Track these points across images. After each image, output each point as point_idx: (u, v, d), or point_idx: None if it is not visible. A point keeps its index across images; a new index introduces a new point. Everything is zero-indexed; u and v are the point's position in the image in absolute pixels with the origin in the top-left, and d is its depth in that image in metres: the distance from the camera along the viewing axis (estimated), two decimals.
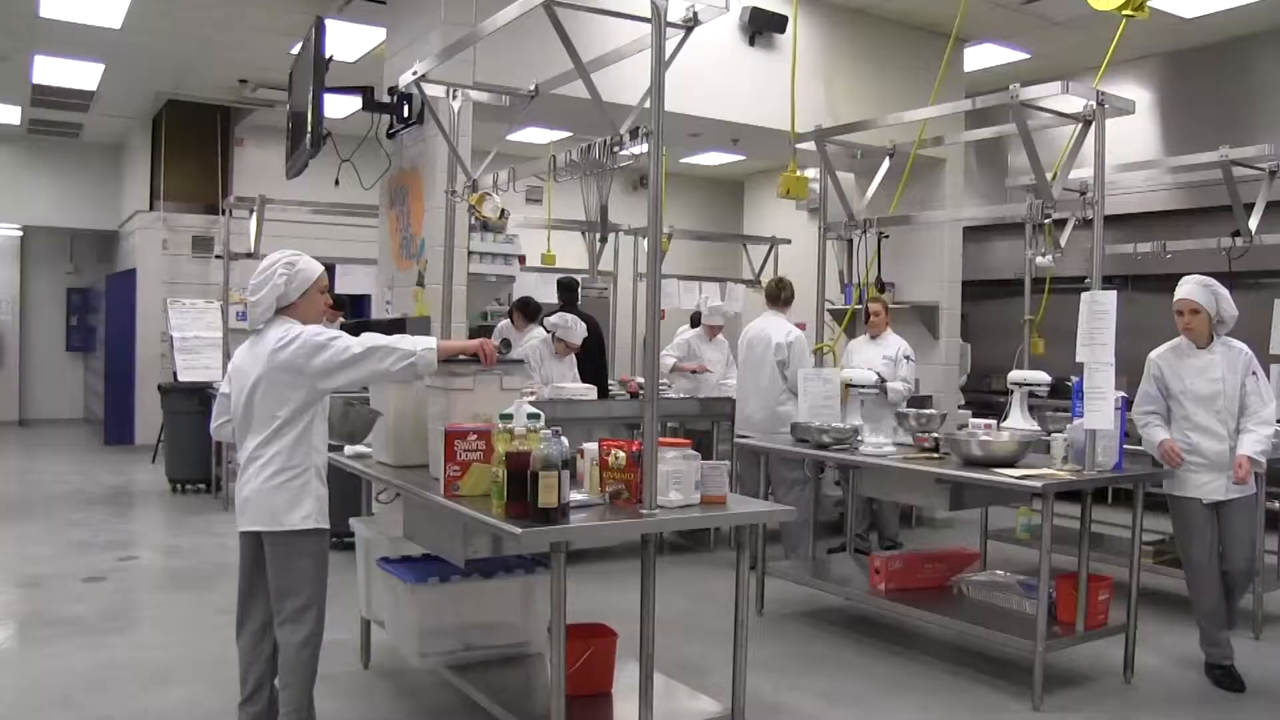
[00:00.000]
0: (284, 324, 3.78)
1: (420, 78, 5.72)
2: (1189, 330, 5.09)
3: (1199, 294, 5.06)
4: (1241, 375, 5.06)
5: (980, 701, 4.86)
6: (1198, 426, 5.08)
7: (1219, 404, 5.05)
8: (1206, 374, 5.08)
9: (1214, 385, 5.06)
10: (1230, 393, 5.06)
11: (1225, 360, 5.09)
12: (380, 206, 8.33)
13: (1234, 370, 5.07)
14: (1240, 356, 5.10)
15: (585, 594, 4.80)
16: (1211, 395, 5.06)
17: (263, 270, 3.82)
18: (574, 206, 10.21)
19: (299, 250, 3.92)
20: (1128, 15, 5.45)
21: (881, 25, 9.09)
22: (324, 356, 3.69)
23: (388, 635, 4.76)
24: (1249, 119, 9.29)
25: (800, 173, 7.49)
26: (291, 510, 3.75)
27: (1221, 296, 5.08)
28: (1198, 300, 5.04)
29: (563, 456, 3.36)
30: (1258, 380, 5.08)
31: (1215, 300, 5.06)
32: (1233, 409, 5.05)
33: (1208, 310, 5.05)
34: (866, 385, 6.37)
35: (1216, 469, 5.04)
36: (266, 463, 3.76)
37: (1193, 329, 5.09)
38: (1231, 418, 5.05)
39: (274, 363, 3.71)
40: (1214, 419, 5.06)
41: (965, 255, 9.79)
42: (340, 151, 7.32)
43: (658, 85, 3.60)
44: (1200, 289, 5.08)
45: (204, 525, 8.51)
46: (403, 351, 3.76)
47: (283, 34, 9.62)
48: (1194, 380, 5.10)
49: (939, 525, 9.04)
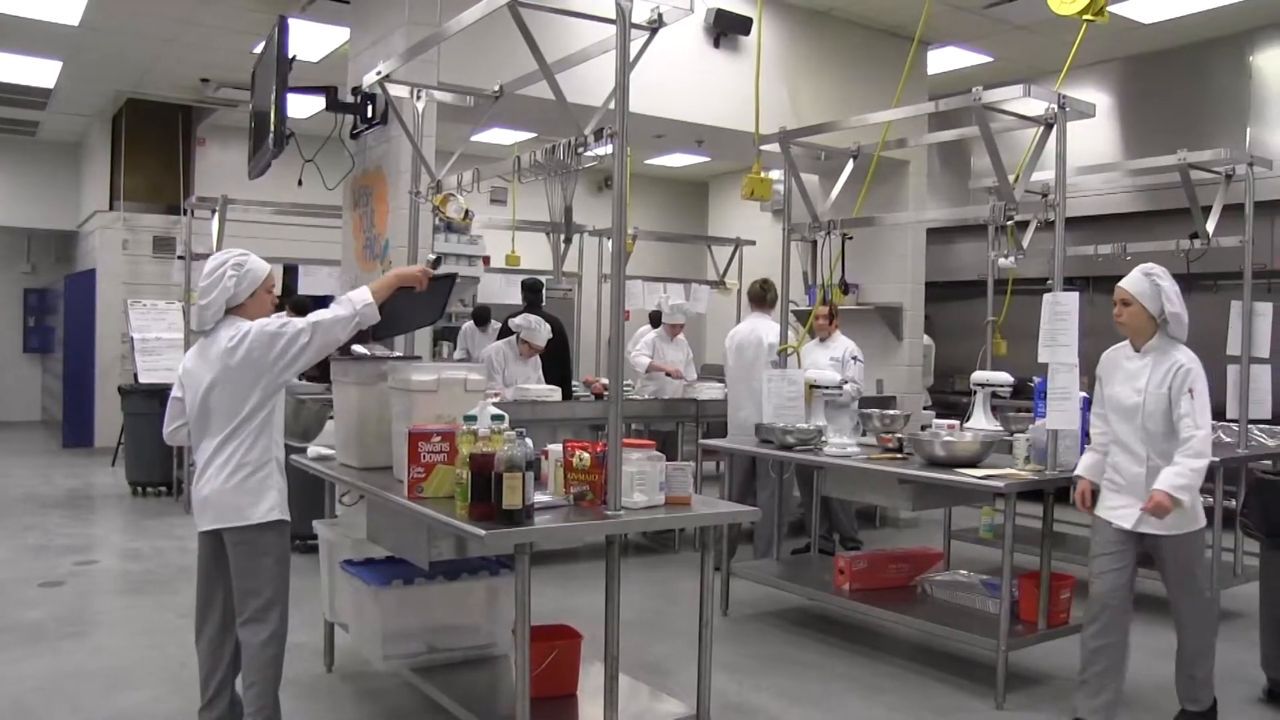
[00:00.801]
0: (233, 323, 3.79)
1: (384, 78, 5.69)
2: (1120, 325, 4.40)
3: (1135, 283, 4.33)
4: (1174, 391, 4.23)
5: (944, 700, 4.89)
6: (1118, 440, 4.41)
7: (1138, 419, 4.31)
8: (1133, 381, 4.35)
9: (1137, 396, 4.31)
10: (1153, 409, 4.27)
11: (1155, 369, 4.31)
12: (344, 207, 8.27)
13: (1162, 383, 4.27)
14: (1175, 370, 4.26)
15: (550, 596, 4.80)
16: (1132, 408, 4.33)
17: (211, 271, 3.82)
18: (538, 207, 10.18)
19: (246, 250, 3.93)
20: (1088, 20, 5.49)
21: (845, 28, 9.14)
22: (280, 345, 3.72)
23: (351, 638, 4.73)
24: (1206, 123, 9.41)
25: (764, 174, 7.50)
26: (255, 505, 3.77)
27: (1166, 291, 4.30)
28: (1130, 290, 4.32)
29: (527, 458, 3.36)
30: (1193, 401, 4.21)
31: (1157, 294, 4.29)
32: (1156, 428, 4.28)
33: (1143, 304, 4.30)
34: (830, 386, 6.39)
35: (1130, 494, 4.35)
36: (226, 460, 3.75)
37: (1124, 323, 4.38)
38: (1155, 439, 4.29)
39: (229, 362, 3.71)
40: (1134, 435, 4.34)
41: (928, 256, 9.86)
42: (303, 152, 7.27)
43: (622, 86, 3.59)
44: (1139, 279, 4.34)
45: (165, 528, 8.42)
46: (346, 316, 3.84)
47: (245, 33, 9.55)
48: (1119, 387, 4.41)
49: (903, 525, 9.09)
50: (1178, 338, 4.34)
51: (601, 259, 10.59)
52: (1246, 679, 5.10)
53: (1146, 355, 4.35)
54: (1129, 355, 4.42)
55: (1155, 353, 4.33)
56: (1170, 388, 4.24)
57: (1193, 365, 4.26)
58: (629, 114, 3.60)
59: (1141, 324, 4.34)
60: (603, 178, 14.52)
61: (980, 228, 7.90)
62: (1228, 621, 6.04)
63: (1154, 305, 4.29)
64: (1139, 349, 4.38)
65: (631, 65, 3.73)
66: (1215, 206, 6.49)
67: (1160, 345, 4.34)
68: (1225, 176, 6.52)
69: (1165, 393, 4.25)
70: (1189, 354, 4.30)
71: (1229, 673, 5.28)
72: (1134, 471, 4.35)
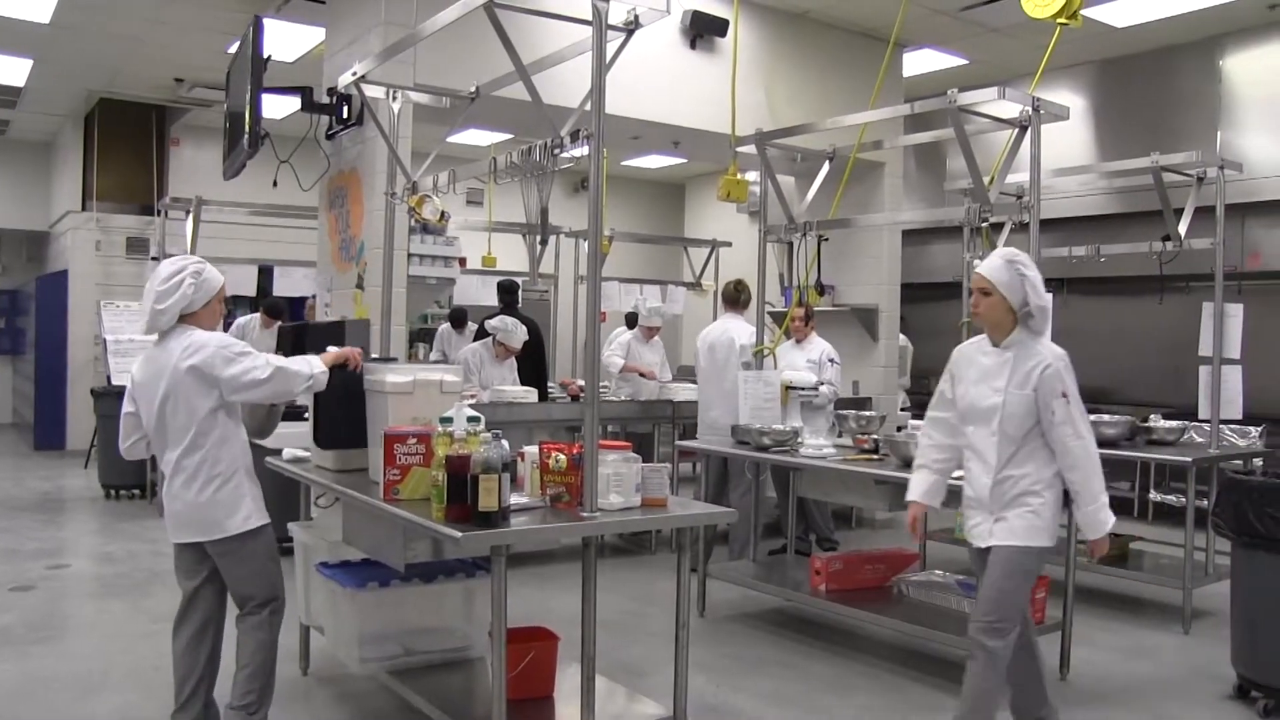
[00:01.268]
0: (186, 333, 3.81)
1: (360, 78, 5.67)
2: (976, 316, 3.94)
3: (996, 271, 3.84)
4: (1041, 394, 3.77)
5: (920, 700, 4.91)
6: (972, 447, 3.93)
7: (995, 421, 3.83)
8: (990, 380, 3.86)
9: (995, 396, 3.82)
10: (1014, 411, 3.79)
11: (1017, 367, 3.82)
12: (319, 208, 8.24)
13: (1025, 382, 3.79)
14: (1040, 369, 3.78)
15: (526, 597, 4.79)
16: (989, 409, 3.85)
17: (169, 277, 3.82)
18: (514, 209, 10.16)
19: (202, 259, 3.97)
20: (1062, 23, 5.53)
21: (822, 30, 9.16)
22: (235, 370, 3.75)
23: (327, 641, 4.71)
24: (1177, 126, 9.49)
25: (740, 176, 7.53)
26: (231, 516, 3.80)
27: (1030, 281, 3.83)
28: (990, 279, 3.83)
29: (503, 459, 3.36)
30: (1069, 406, 3.75)
31: (1020, 284, 3.82)
32: (1015, 432, 3.80)
33: (1004, 294, 3.82)
34: (806, 387, 6.41)
35: (980, 508, 3.92)
36: (193, 474, 3.76)
37: (981, 315, 3.90)
38: (1009, 444, 3.82)
39: (181, 371, 3.73)
40: (988, 441, 3.85)
41: (904, 258, 9.89)
42: (278, 152, 7.24)
43: (598, 88, 3.59)
44: (1001, 266, 3.85)
45: (138, 531, 8.35)
46: (304, 375, 3.93)
47: (219, 33, 9.49)
48: (974, 386, 3.91)
49: (879, 526, 9.12)
50: (1039, 332, 3.87)
51: (578, 260, 10.59)
52: (1218, 676, 5.14)
53: (1007, 351, 3.87)
54: (986, 351, 3.94)
55: (1017, 348, 3.85)
56: (1035, 389, 3.79)
57: (1059, 363, 3.81)
58: (605, 115, 3.60)
59: (1001, 316, 3.87)
60: (579, 179, 14.51)
61: (955, 229, 7.96)
62: (1199, 619, 6.11)
63: (1016, 297, 3.82)
64: (998, 344, 3.90)
65: (608, 67, 3.73)
66: (1187, 209, 6.54)
67: (1022, 340, 3.86)
68: (1197, 179, 6.58)
69: (1029, 394, 3.79)
70: (1055, 350, 3.86)
71: (1201, 670, 5.35)
72: (983, 483, 3.88)
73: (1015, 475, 3.83)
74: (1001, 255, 3.90)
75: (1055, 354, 3.83)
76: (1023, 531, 3.82)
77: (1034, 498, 3.81)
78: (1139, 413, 7.02)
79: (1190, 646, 5.79)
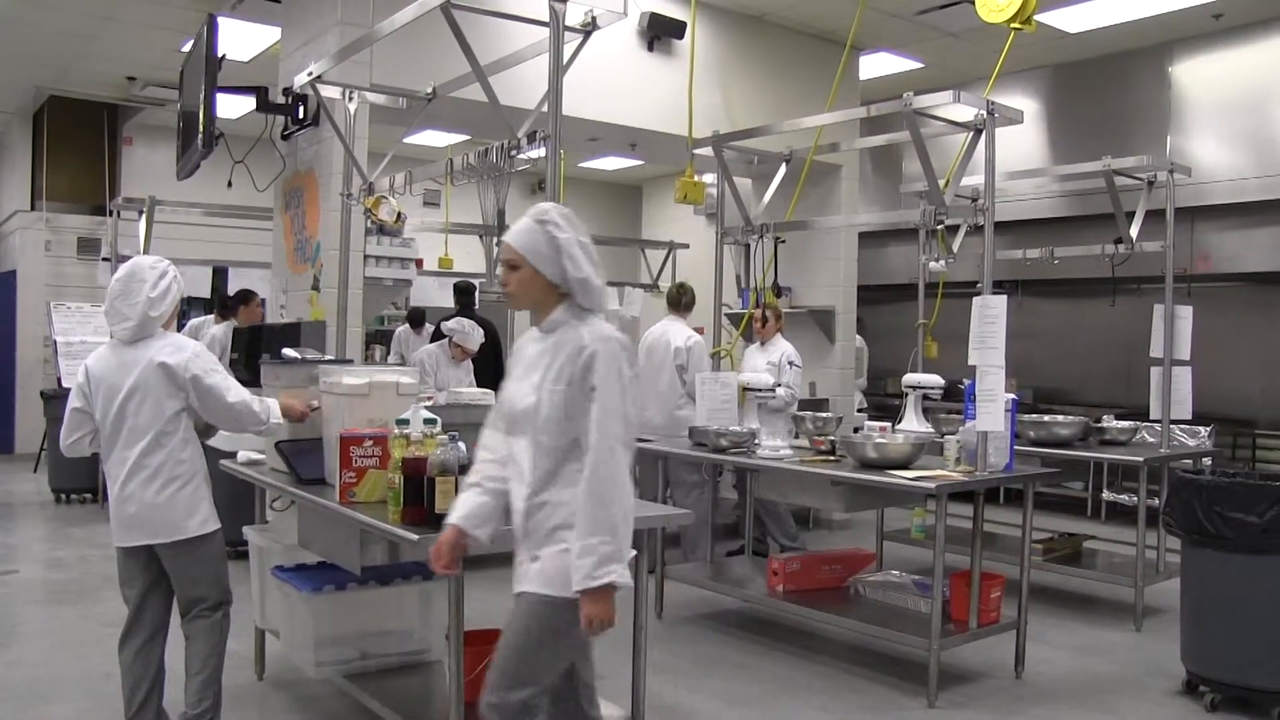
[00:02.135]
0: (162, 334, 3.82)
1: (316, 79, 5.63)
2: (507, 296, 3.06)
3: (523, 237, 2.95)
4: (576, 390, 2.87)
5: (877, 700, 4.94)
6: (515, 461, 3.01)
7: (532, 428, 2.92)
8: (531, 375, 2.98)
9: (532, 395, 2.93)
10: (549, 414, 2.89)
11: (556, 356, 2.92)
12: (275, 209, 8.17)
13: (560, 376, 2.90)
14: (578, 356, 2.89)
15: (484, 600, 4.76)
16: (525, 412, 2.94)
17: (157, 281, 3.83)
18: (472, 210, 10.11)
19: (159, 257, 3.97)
20: (1016, 28, 5.59)
21: (779, 33, 9.20)
22: (212, 382, 3.79)
23: (282, 645, 4.67)
24: (1128, 131, 9.61)
25: (697, 178, 7.53)
26: (190, 517, 3.79)
27: (563, 244, 2.93)
28: (517, 248, 2.95)
29: (460, 461, 3.35)
30: (599, 405, 2.84)
31: (555, 252, 2.93)
32: (553, 443, 2.90)
33: (536, 267, 2.94)
34: (763, 389, 6.42)
35: (520, 543, 3.00)
36: (155, 473, 3.72)
37: (513, 294, 3.02)
38: (547, 459, 2.91)
39: (154, 366, 3.72)
40: (525, 453, 2.95)
41: (860, 260, 9.95)
42: (233, 153, 7.18)
43: (556, 89, 3.60)
44: (527, 228, 2.96)
45: (89, 536, 8.24)
46: (260, 421, 3.96)
47: (172, 30, 9.38)
48: (515, 383, 3.05)
49: (836, 527, 9.17)
50: (591, 309, 3.01)
51: None
52: (1168, 672, 5.22)
53: (550, 336, 2.99)
54: (535, 338, 3.06)
55: (561, 333, 2.97)
56: (570, 383, 2.88)
57: (601, 346, 2.88)
58: (562, 117, 3.61)
59: (538, 294, 2.99)
60: (536, 180, 14.48)
61: (911, 232, 8.01)
62: (1151, 617, 6.19)
63: (552, 269, 2.95)
64: (541, 328, 3.04)
65: (565, 68, 3.74)
66: (1138, 212, 6.64)
67: (566, 321, 2.98)
68: (1147, 183, 6.68)
69: (564, 390, 2.88)
70: (601, 330, 2.93)
71: (1152, 666, 5.42)
72: (518, 509, 2.98)
73: (553, 501, 2.90)
74: (532, 214, 2.97)
75: (599, 335, 2.91)
76: (554, 576, 2.86)
77: (572, 532, 2.83)
78: (1092, 413, 7.11)
79: (1142, 643, 5.87)
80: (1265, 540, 4.55)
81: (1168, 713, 4.84)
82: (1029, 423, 6.50)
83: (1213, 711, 4.76)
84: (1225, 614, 4.71)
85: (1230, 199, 8.96)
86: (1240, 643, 4.66)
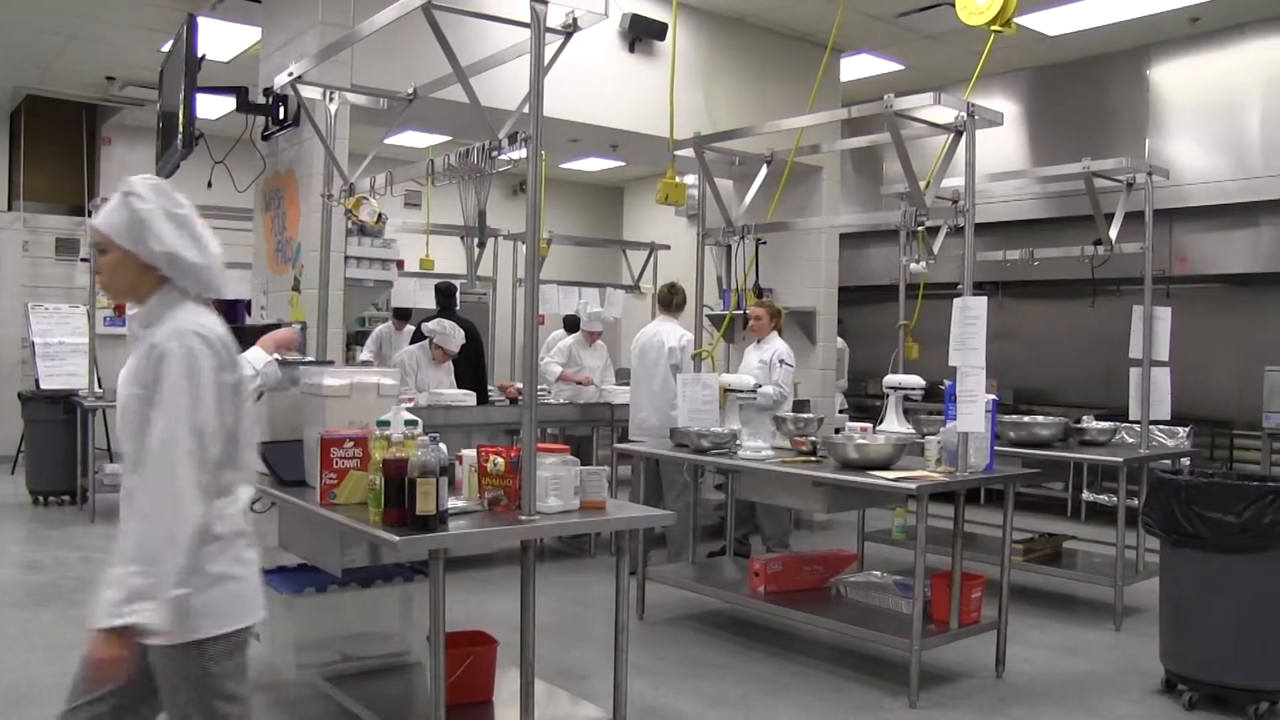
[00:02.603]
0: None
1: (296, 79, 5.60)
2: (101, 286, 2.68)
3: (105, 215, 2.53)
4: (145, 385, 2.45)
5: (858, 700, 4.95)
6: None
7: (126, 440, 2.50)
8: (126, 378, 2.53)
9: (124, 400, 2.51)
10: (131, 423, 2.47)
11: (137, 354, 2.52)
12: (255, 210, 8.14)
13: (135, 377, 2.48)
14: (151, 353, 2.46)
15: (465, 601, 4.76)
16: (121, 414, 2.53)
17: None
18: (453, 211, 10.12)
19: None
20: (996, 31, 5.61)
21: (760, 34, 9.22)
22: None
23: (263, 648, 4.64)
24: (1107, 133, 9.67)
25: (679, 179, 7.54)
26: None
27: (145, 216, 2.49)
28: (101, 227, 2.51)
29: (441, 463, 3.34)
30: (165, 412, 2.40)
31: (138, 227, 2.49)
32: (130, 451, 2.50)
33: (124, 248, 2.49)
34: (744, 390, 6.43)
35: None
36: None
37: (103, 282, 2.62)
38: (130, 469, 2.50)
39: None
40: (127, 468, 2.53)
41: (841, 261, 9.97)
42: (213, 153, 7.14)
43: (537, 90, 3.59)
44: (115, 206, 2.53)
45: (67, 538, 8.18)
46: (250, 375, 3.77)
47: (152, 30, 9.33)
48: None
49: (817, 528, 9.19)
50: (190, 294, 2.57)
51: (516, 263, 10.56)
52: (1147, 671, 5.25)
53: (149, 331, 2.53)
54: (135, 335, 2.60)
55: (158, 324, 2.52)
56: (145, 386, 2.44)
57: (175, 343, 2.43)
58: (543, 118, 3.60)
59: (131, 278, 2.55)
60: (517, 181, 14.47)
61: (892, 233, 8.04)
62: (1131, 616, 6.22)
63: (140, 247, 2.50)
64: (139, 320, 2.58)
65: (546, 69, 3.73)
66: (1117, 214, 6.67)
67: (161, 311, 2.53)
68: (1126, 185, 6.72)
69: (140, 394, 2.45)
70: (185, 323, 2.48)
71: (1131, 665, 5.45)
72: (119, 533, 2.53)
73: None
74: (122, 187, 2.54)
75: (177, 330, 2.46)
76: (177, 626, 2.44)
77: None
78: (1072, 414, 7.15)
79: (1122, 643, 5.90)
80: (1242, 540, 4.58)
81: (1147, 711, 4.87)
82: (1009, 423, 6.53)
83: (1191, 710, 4.79)
84: (1203, 613, 4.74)
85: (1208, 201, 9.03)
86: (1218, 641, 4.70)
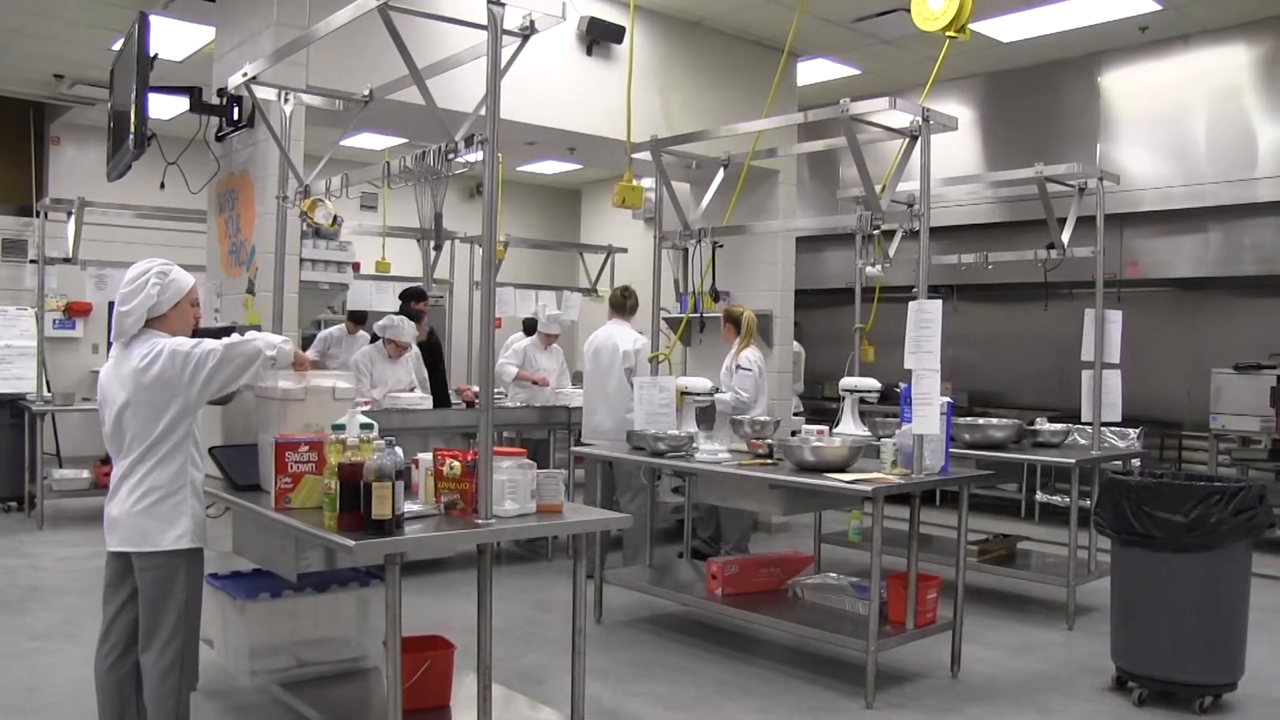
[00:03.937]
0: (148, 339, 3.67)
1: (251, 80, 5.55)
2: None
3: None
4: None
5: (815, 701, 4.98)
6: None
7: None
8: None
9: None
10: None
11: None
12: (208, 212, 8.05)
13: None
14: None
15: (422, 606, 4.74)
16: None
17: (133, 279, 3.70)
18: (409, 214, 10.07)
19: (169, 260, 3.81)
20: (951, 37, 5.66)
21: (717, 38, 9.24)
22: (193, 365, 3.62)
23: (216, 654, 4.60)
24: (1060, 138, 9.79)
25: (636, 182, 7.55)
26: (165, 531, 3.61)
27: None
28: None
29: (397, 467, 3.33)
30: None
31: None
32: None
33: None
34: (701, 393, 6.45)
35: None
36: (138, 483, 3.61)
37: None
38: None
39: (141, 382, 3.59)
40: None
41: (798, 265, 10.02)
42: (166, 154, 7.06)
43: (493, 93, 3.58)
44: None
45: (13, 546, 8.04)
46: (261, 349, 3.78)
47: (103, 28, 9.21)
48: None
49: (774, 530, 9.22)
50: None
51: (473, 266, 10.53)
52: (1099, 669, 5.32)
53: None
54: None
55: None
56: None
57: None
58: (500, 121, 3.59)
59: None
60: (474, 184, 14.41)
61: (848, 237, 8.09)
62: (1083, 615, 6.30)
63: None
64: None
65: (503, 72, 3.72)
66: (1069, 218, 6.75)
67: None
68: (1078, 189, 6.80)
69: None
70: None
71: (1083, 664, 5.52)
72: None
73: None
74: None
75: None
76: None
77: None
78: (1026, 416, 7.23)
79: (1074, 641, 5.98)
80: (1190, 539, 4.65)
81: (1098, 708, 4.93)
82: (964, 425, 6.59)
83: (1140, 706, 4.86)
84: (1152, 611, 4.81)
85: (1157, 206, 9.17)
86: (1166, 639, 4.77)
